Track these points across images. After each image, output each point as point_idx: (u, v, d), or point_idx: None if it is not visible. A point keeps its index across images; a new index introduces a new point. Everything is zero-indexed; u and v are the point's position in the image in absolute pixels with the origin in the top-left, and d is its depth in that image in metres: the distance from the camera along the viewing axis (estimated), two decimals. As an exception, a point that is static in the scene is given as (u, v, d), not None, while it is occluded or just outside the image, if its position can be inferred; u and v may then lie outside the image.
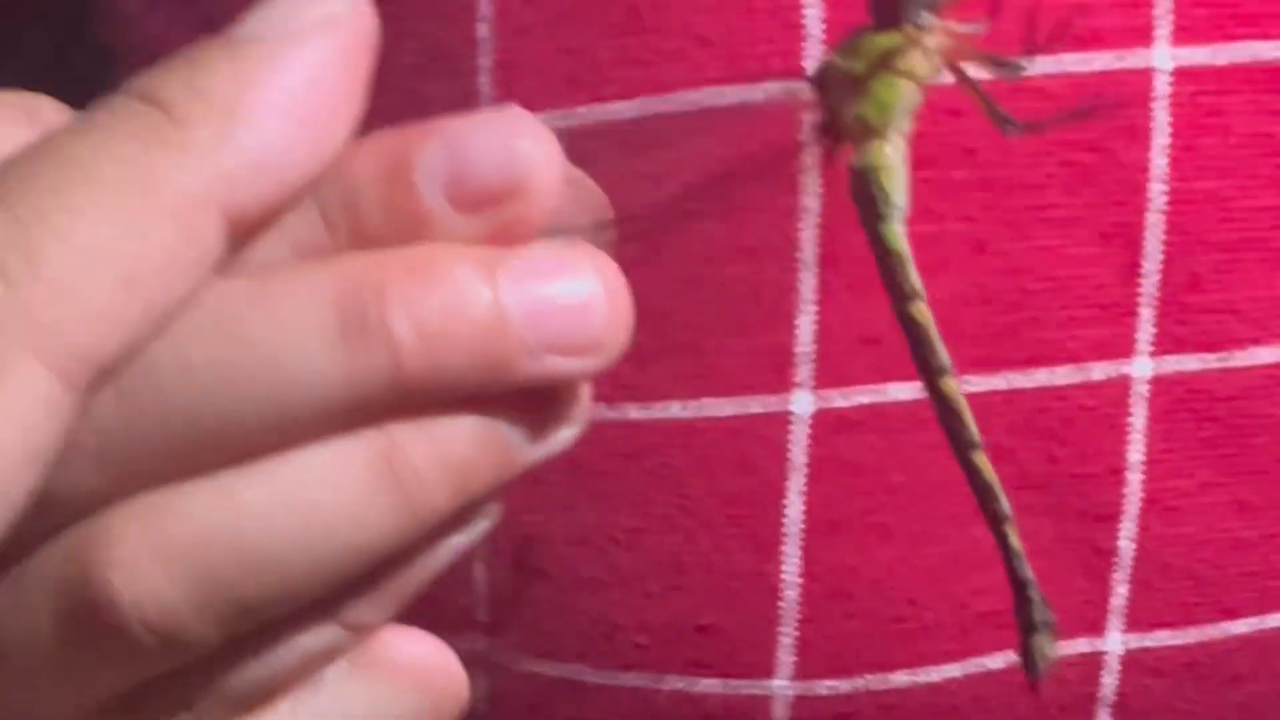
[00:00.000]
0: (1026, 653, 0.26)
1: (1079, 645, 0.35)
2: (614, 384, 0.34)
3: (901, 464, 0.34)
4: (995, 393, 0.34)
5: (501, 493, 0.22)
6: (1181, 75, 0.33)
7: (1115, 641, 0.35)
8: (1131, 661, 0.35)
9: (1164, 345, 0.34)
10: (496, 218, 0.21)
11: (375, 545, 0.21)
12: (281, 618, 0.21)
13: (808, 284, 0.32)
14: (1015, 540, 0.26)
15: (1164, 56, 0.33)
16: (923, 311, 0.26)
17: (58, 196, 0.19)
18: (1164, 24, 0.33)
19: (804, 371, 0.33)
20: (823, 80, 0.25)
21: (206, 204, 0.20)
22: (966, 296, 0.33)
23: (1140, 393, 0.34)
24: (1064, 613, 0.35)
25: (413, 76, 0.36)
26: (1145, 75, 0.33)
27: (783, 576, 0.34)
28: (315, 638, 0.22)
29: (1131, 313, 0.34)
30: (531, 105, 0.34)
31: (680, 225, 0.24)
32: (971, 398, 0.34)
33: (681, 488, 0.34)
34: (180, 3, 0.41)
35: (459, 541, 0.22)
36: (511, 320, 0.21)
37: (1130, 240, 0.34)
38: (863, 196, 0.25)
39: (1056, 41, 0.24)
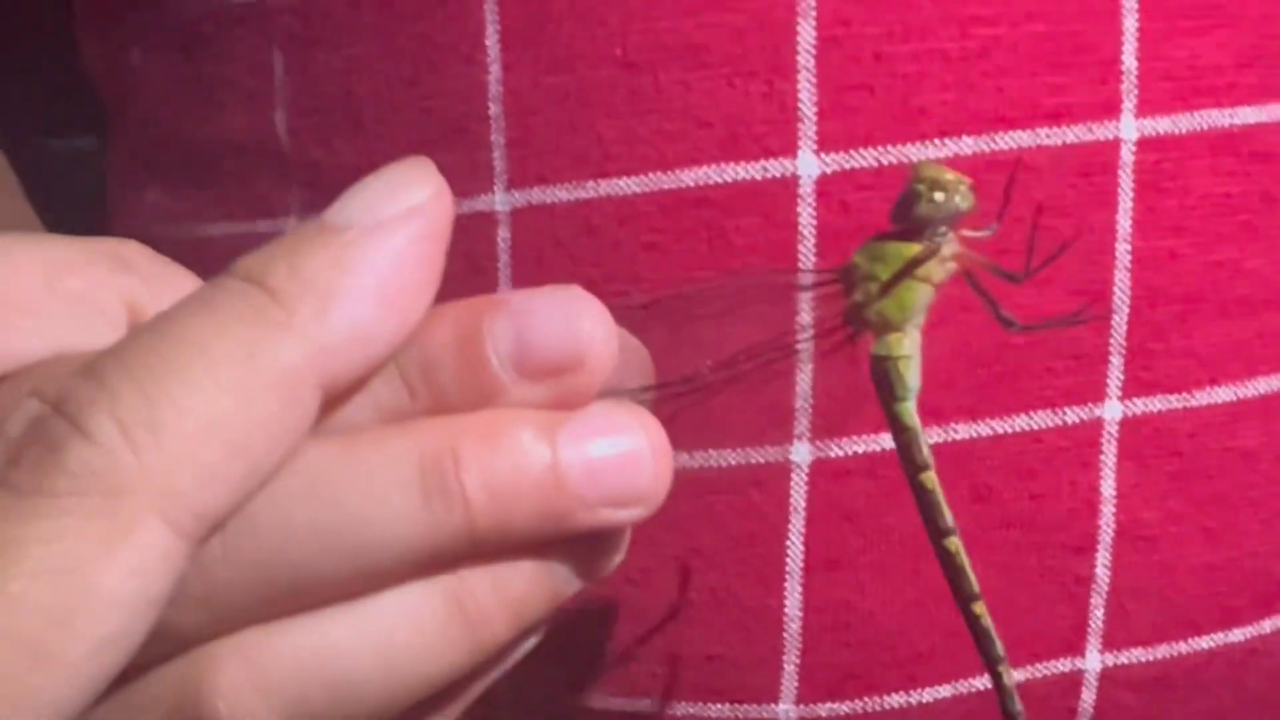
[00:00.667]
0: None
1: (1061, 665, 0.38)
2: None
3: (893, 507, 0.37)
4: (980, 439, 0.37)
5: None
6: (1145, 144, 0.36)
7: (1094, 660, 0.38)
8: (1108, 678, 0.38)
9: (1131, 389, 0.37)
10: (558, 387, 0.23)
11: (444, 674, 0.23)
12: None
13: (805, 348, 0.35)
14: (1009, 679, 0.29)
15: (1129, 127, 0.36)
16: (931, 479, 0.29)
17: (177, 372, 0.22)
18: (1130, 98, 0.36)
19: (802, 424, 0.36)
20: (848, 276, 0.28)
21: (306, 377, 0.22)
22: (956, 352, 0.36)
23: (1111, 433, 0.37)
24: (1047, 636, 0.38)
25: (427, 148, 0.38)
26: (1113, 145, 0.36)
27: (785, 610, 0.37)
28: None
29: (1103, 360, 0.37)
30: (543, 179, 0.37)
31: (716, 390, 0.27)
32: (959, 444, 0.37)
33: (691, 531, 0.37)
34: (160, 40, 0.43)
35: (512, 657, 0.25)
36: (569, 479, 0.23)
37: (1099, 295, 0.36)
38: (882, 380, 0.28)
39: (1052, 259, 0.28)
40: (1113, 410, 0.37)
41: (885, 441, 0.36)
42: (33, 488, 0.21)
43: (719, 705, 0.38)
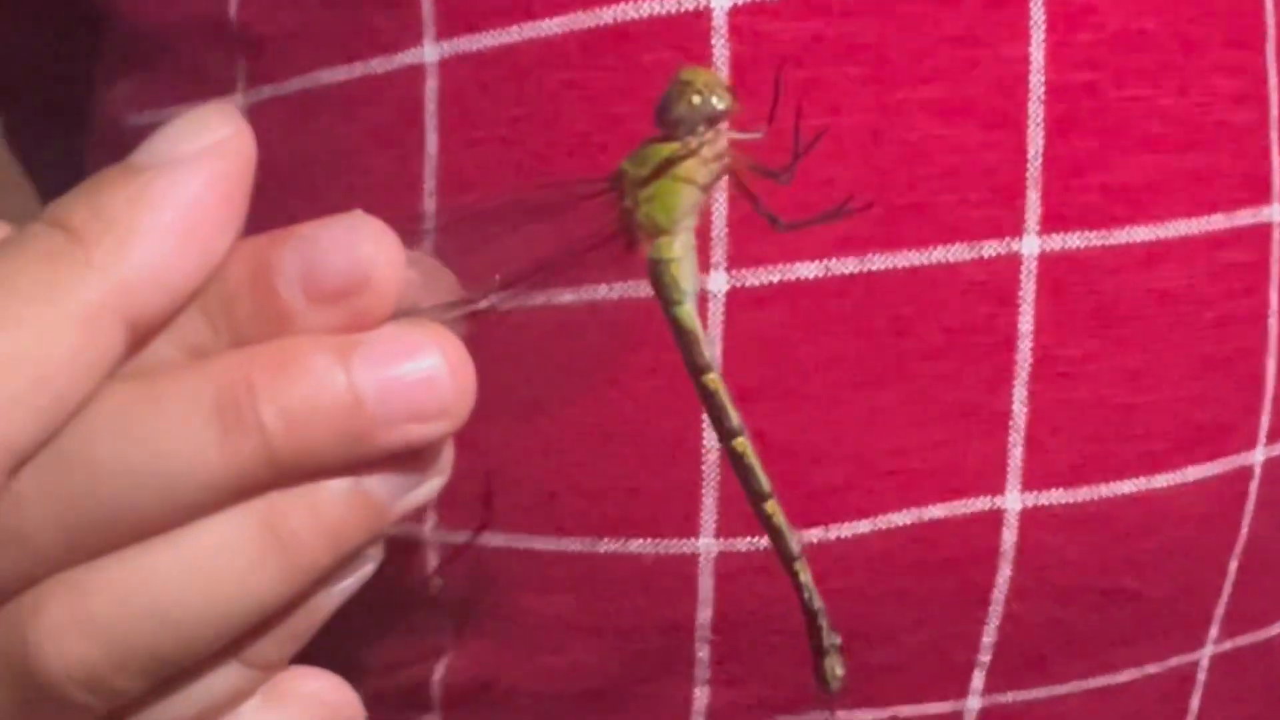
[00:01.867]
0: (820, 672, 0.30)
1: (980, 504, 0.38)
2: (543, 276, 0.37)
3: (808, 337, 0.37)
4: (895, 270, 0.37)
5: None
6: None
7: (1014, 499, 0.38)
8: (1028, 518, 0.39)
9: (1050, 224, 0.37)
10: (348, 310, 0.24)
11: (267, 599, 0.24)
12: (195, 664, 0.25)
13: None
14: (806, 576, 0.29)
15: None
16: (714, 380, 0.29)
17: None
18: None
19: (719, 252, 0.37)
20: (618, 183, 0.28)
21: (107, 313, 0.23)
22: (865, 182, 0.37)
23: (1030, 269, 0.37)
24: (966, 474, 0.38)
25: (360, 9, 0.39)
26: None
27: (703, 441, 0.37)
28: (225, 677, 0.25)
29: (1019, 194, 0.37)
30: (472, 28, 0.37)
31: (517, 302, 0.27)
32: (873, 275, 0.37)
33: (608, 361, 0.37)
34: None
35: (345, 585, 0.26)
36: (366, 399, 0.24)
37: (1014, 127, 0.37)
38: (657, 284, 0.29)
39: (806, 151, 0.28)
40: (1030, 245, 0.37)
41: (800, 270, 0.37)
42: None
43: (640, 540, 0.38)
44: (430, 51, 0.38)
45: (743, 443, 0.29)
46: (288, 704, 0.26)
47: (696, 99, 0.27)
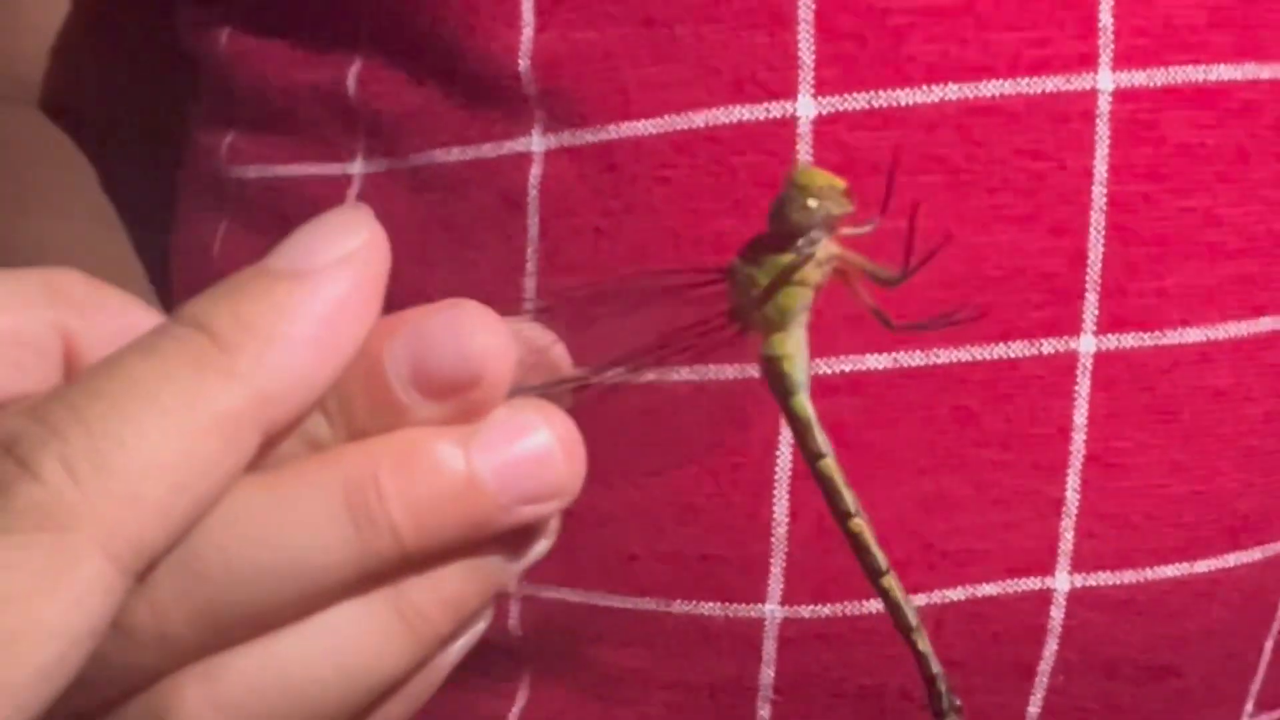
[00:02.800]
0: None
1: (1031, 583, 0.41)
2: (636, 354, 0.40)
3: (876, 423, 0.40)
4: (958, 364, 0.40)
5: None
6: (1121, 95, 0.39)
7: (1063, 580, 0.41)
8: (1076, 598, 0.41)
9: (1106, 325, 0.40)
10: (461, 402, 0.24)
11: (394, 672, 0.25)
12: None
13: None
14: (925, 645, 0.30)
15: (1106, 79, 0.39)
16: (829, 466, 0.30)
17: (123, 415, 0.23)
18: (1106, 52, 0.39)
19: None
20: (732, 279, 0.29)
21: (246, 421, 0.24)
22: (936, 281, 0.39)
23: (1085, 365, 0.40)
24: (1019, 554, 0.41)
25: (473, 104, 0.42)
26: (1090, 95, 0.39)
27: (774, 516, 0.40)
28: None
29: (1079, 296, 0.40)
30: (573, 125, 0.40)
31: (625, 379, 0.28)
32: (938, 368, 0.40)
33: (689, 439, 0.40)
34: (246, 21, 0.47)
35: (461, 645, 0.26)
36: (484, 486, 0.24)
37: (1076, 234, 0.39)
38: (771, 378, 0.30)
39: (925, 263, 0.28)
40: (1087, 344, 0.40)
41: (870, 361, 0.39)
42: None
43: (711, 604, 0.41)
44: (538, 142, 0.41)
45: (858, 524, 0.30)
46: None
47: (813, 203, 0.28)
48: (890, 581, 0.30)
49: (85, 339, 0.26)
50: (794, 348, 0.29)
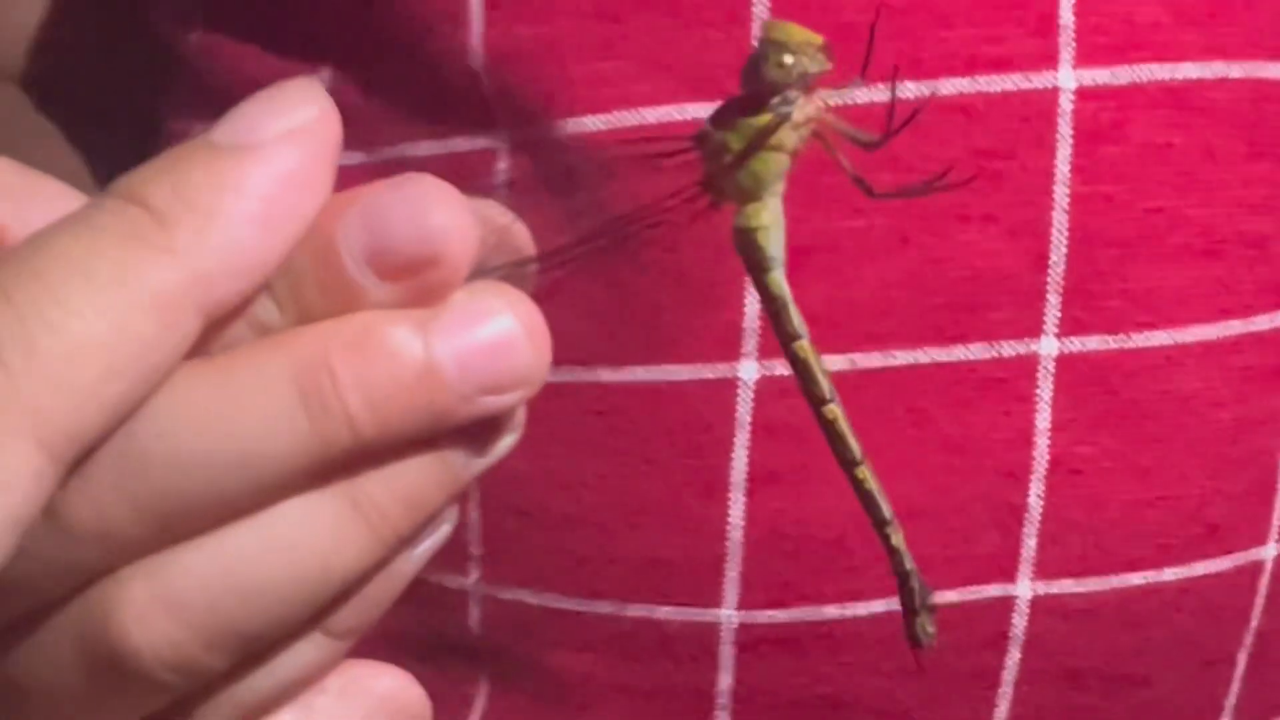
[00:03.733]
0: (911, 630, 0.30)
1: (993, 590, 0.40)
2: (589, 350, 0.40)
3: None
4: (918, 365, 0.39)
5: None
6: (1084, 94, 0.38)
7: (1025, 588, 0.40)
8: (1039, 606, 0.40)
9: (1069, 327, 0.39)
10: (420, 283, 0.23)
11: (351, 571, 0.24)
12: (279, 638, 0.24)
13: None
14: (898, 539, 0.29)
15: (1068, 77, 0.38)
16: (804, 348, 0.28)
17: (53, 292, 0.22)
18: (1067, 50, 0.38)
19: (750, 343, 0.39)
20: (702, 145, 0.27)
21: (185, 301, 0.22)
22: (892, 282, 0.39)
23: (1047, 368, 0.39)
24: (980, 561, 0.40)
25: (427, 107, 0.41)
26: (1052, 94, 0.38)
27: (729, 519, 0.40)
28: (307, 649, 0.25)
29: (1040, 298, 0.39)
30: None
31: (596, 258, 0.27)
32: (898, 370, 0.39)
33: (643, 440, 0.39)
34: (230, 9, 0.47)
35: (424, 549, 0.25)
36: (444, 374, 0.23)
37: (1038, 235, 0.39)
38: (745, 251, 0.28)
39: (908, 122, 0.27)
40: (1049, 346, 0.39)
41: (829, 362, 0.39)
42: None
43: (666, 608, 0.40)
44: (503, 139, 0.41)
45: (833, 409, 0.28)
46: (361, 699, 0.25)
47: (789, 59, 0.26)
48: (865, 472, 0.29)
49: (16, 228, 0.25)
50: (769, 219, 0.27)
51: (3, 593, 0.22)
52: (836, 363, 0.39)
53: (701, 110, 0.38)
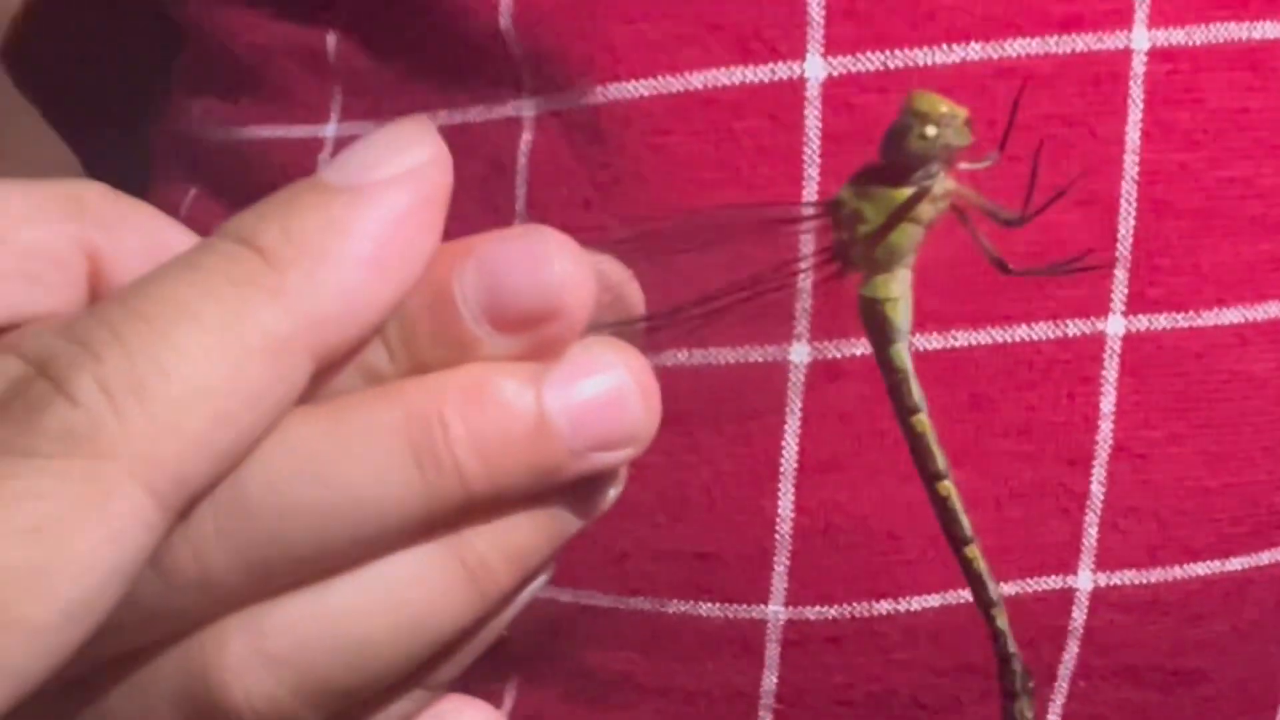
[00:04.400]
0: (1009, 714, 0.28)
1: (1053, 582, 0.38)
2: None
3: (888, 411, 0.37)
4: (979, 346, 0.37)
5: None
6: (1156, 55, 0.36)
7: (1086, 579, 0.38)
8: (1100, 598, 0.38)
9: (1136, 305, 0.37)
10: (534, 336, 0.22)
11: (452, 627, 0.23)
12: (376, 693, 0.24)
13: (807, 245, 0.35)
14: (1003, 623, 0.28)
15: (1141, 37, 0.35)
16: (923, 422, 0.27)
17: (164, 335, 0.21)
18: (1142, 7, 0.35)
19: (801, 324, 0.36)
20: (835, 212, 0.26)
21: (296, 345, 0.22)
22: (956, 259, 0.36)
23: (1113, 348, 0.37)
24: (1040, 551, 0.38)
25: (452, 68, 0.39)
26: (1124, 55, 0.35)
27: (778, 511, 0.37)
28: (405, 703, 0.24)
29: (1107, 275, 0.37)
30: (557, 86, 0.37)
31: (705, 323, 0.26)
32: (959, 351, 0.37)
33: (688, 429, 0.37)
34: None
35: (521, 600, 0.24)
36: (556, 429, 0.22)
37: (1106, 207, 0.36)
38: (871, 322, 0.27)
39: (1052, 202, 0.26)
40: (1115, 325, 0.37)
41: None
42: (11, 447, 0.20)
43: (709, 604, 0.38)
44: (527, 106, 0.38)
45: (947, 486, 0.28)
46: None
47: (932, 132, 0.26)
48: (974, 551, 0.28)
49: (111, 257, 0.25)
50: (899, 290, 0.27)
51: (101, 637, 0.21)
52: (893, 344, 0.37)
53: (751, 75, 0.36)
